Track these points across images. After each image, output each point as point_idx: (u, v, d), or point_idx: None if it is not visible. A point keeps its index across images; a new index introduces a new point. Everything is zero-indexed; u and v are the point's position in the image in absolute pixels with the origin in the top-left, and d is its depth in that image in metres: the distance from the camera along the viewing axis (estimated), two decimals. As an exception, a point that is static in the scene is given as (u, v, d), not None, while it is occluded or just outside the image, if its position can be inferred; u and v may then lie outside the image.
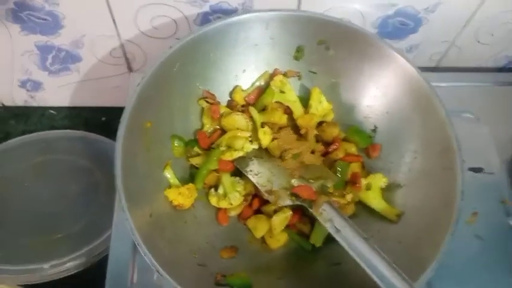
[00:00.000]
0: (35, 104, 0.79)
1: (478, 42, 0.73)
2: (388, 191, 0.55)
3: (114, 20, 0.61)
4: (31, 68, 0.70)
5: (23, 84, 0.74)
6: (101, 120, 0.79)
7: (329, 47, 0.57)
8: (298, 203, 0.51)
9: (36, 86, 0.74)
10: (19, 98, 0.78)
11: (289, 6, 0.61)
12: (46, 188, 0.69)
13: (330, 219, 0.48)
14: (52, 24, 0.61)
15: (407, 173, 0.55)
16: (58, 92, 0.76)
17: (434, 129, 0.52)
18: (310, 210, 0.50)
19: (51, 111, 0.79)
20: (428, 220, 0.49)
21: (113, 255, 0.55)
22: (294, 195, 0.51)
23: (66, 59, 0.68)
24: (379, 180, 0.55)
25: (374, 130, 0.59)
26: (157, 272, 0.42)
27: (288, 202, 0.51)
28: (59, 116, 0.79)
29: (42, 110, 0.79)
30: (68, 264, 0.61)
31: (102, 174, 0.70)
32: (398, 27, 0.68)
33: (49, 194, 0.68)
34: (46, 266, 0.60)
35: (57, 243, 0.63)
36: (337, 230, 0.47)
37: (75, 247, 0.62)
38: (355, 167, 0.57)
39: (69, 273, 0.61)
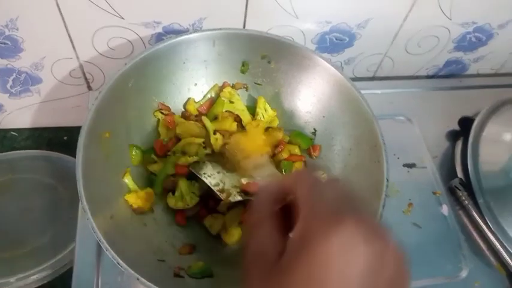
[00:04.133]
0: (-5, 126, 0.78)
1: (408, 53, 0.79)
2: (328, 185, 0.61)
3: (72, 43, 0.63)
4: (-8, 91, 0.70)
5: (-16, 107, 0.73)
6: (63, 140, 0.79)
7: (270, 61, 0.62)
8: (247, 198, 0.55)
9: (-3, 108, 0.74)
10: (-20, 121, 0.77)
11: (236, 26, 0.66)
12: (10, 205, 0.69)
13: (275, 211, 0.53)
14: (12, 47, 0.62)
15: (344, 168, 0.60)
16: (19, 114, 0.76)
17: (364, 128, 0.57)
18: (258, 204, 0.55)
19: (13, 133, 0.79)
20: (363, 207, 0.55)
21: (78, 262, 0.56)
22: (244, 191, 0.55)
23: (27, 81, 0.69)
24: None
25: (314, 133, 0.64)
26: (118, 265, 0.44)
27: (238, 198, 0.55)
28: (20, 137, 0.79)
29: (3, 132, 0.79)
30: (34, 277, 0.62)
31: (65, 191, 0.71)
32: (335, 43, 0.73)
33: (14, 211, 0.69)
34: (12, 279, 0.61)
35: (24, 257, 0.64)
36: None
37: (41, 260, 0.63)
38: (298, 166, 0.62)
39: (36, 286, 0.62)
